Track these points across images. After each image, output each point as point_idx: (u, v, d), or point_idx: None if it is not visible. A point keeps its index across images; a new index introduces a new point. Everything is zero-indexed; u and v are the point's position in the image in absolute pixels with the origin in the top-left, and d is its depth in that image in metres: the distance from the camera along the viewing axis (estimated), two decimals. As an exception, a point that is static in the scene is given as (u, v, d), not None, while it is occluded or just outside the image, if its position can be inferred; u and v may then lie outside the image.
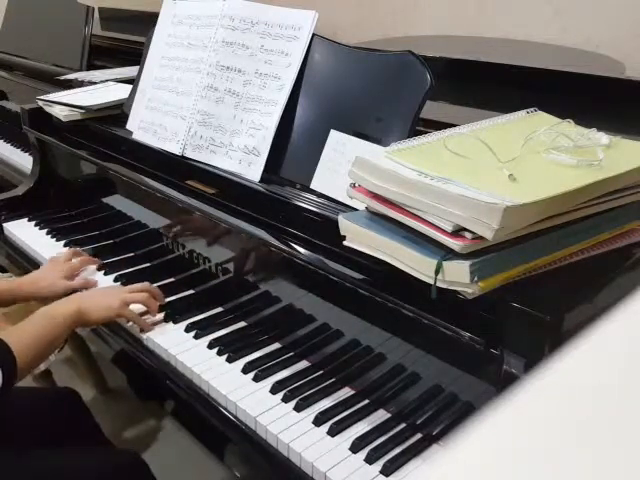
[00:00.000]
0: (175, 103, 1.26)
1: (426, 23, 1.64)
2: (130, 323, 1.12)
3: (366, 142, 0.97)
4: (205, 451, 0.99)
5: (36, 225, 1.55)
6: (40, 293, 1.24)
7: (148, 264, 1.36)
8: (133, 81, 1.44)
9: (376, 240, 0.76)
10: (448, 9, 1.58)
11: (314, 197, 1.00)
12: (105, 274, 1.32)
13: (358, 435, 0.86)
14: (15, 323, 1.56)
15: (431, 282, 0.70)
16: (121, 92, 1.49)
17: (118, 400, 1.96)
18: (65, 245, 1.45)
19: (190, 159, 1.21)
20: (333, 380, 0.97)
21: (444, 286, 0.69)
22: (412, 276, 0.72)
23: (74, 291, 1.24)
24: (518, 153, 0.77)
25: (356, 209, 0.85)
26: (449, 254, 0.69)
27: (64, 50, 1.98)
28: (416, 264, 0.72)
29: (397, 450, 0.84)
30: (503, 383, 0.72)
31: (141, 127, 1.33)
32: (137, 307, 1.14)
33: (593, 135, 0.83)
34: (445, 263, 0.68)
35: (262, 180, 1.10)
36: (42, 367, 1.61)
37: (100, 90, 1.56)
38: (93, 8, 1.96)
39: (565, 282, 0.73)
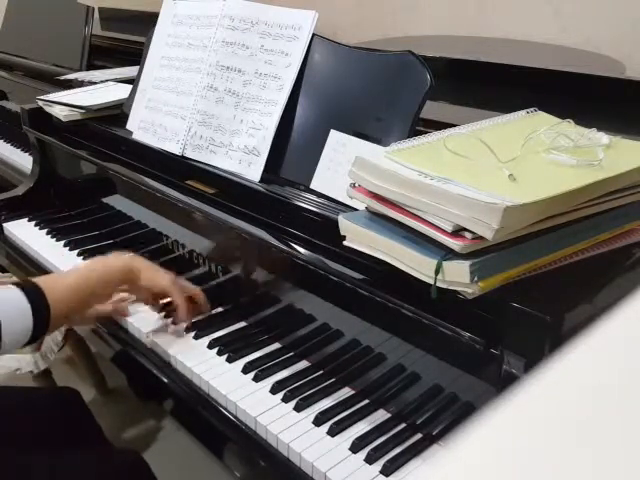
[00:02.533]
0: (175, 103, 1.26)
1: (426, 23, 1.64)
2: (133, 322, 1.12)
3: (366, 142, 0.97)
4: (205, 451, 0.99)
5: (36, 225, 1.55)
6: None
7: (148, 264, 1.35)
8: (133, 81, 1.44)
9: (376, 240, 0.76)
10: (448, 9, 1.58)
11: (314, 197, 1.00)
12: (105, 274, 1.32)
13: (358, 435, 0.86)
14: None
15: (431, 282, 0.70)
16: (121, 92, 1.49)
17: (118, 400, 1.96)
18: (65, 245, 1.45)
19: (190, 159, 1.21)
20: (333, 380, 0.97)
21: (444, 286, 0.69)
22: (412, 276, 0.72)
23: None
24: (518, 153, 0.77)
25: (356, 209, 0.85)
26: (449, 254, 0.69)
27: (64, 50, 1.97)
28: (416, 264, 0.72)
29: (397, 450, 0.84)
30: (503, 383, 0.72)
31: (141, 127, 1.33)
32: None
33: (593, 135, 0.83)
34: (445, 263, 0.68)
35: (262, 180, 1.10)
36: (42, 366, 1.62)
37: (100, 90, 1.56)
38: (93, 8, 1.96)
39: (565, 282, 0.73)
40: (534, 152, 0.79)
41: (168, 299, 1.11)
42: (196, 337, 1.09)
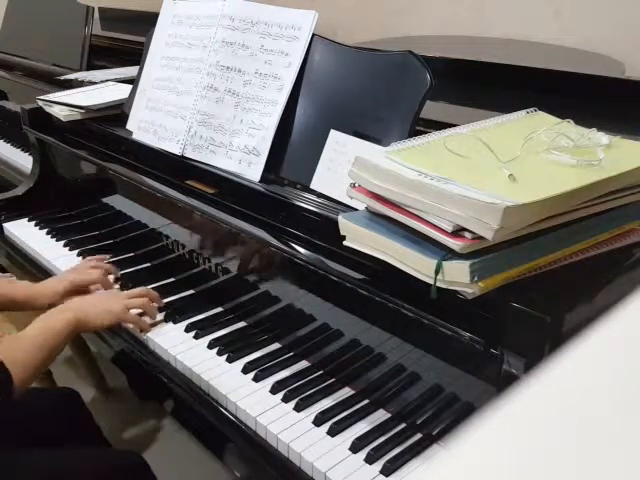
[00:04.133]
0: (175, 103, 1.26)
1: (426, 23, 1.64)
2: (131, 325, 1.12)
3: (366, 142, 0.97)
4: (205, 451, 0.99)
5: (36, 225, 1.55)
6: (36, 306, 1.18)
7: (148, 264, 1.36)
8: (133, 81, 1.44)
9: (376, 240, 0.76)
10: (448, 9, 1.58)
11: (314, 197, 1.00)
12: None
13: (358, 435, 0.86)
14: (17, 323, 1.57)
15: (431, 282, 0.70)
16: (121, 92, 1.49)
17: (118, 400, 1.96)
18: (65, 245, 1.45)
19: (190, 159, 1.21)
20: (333, 380, 0.97)
21: (444, 286, 0.69)
22: (412, 276, 0.72)
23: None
24: (518, 153, 0.77)
25: (356, 209, 0.85)
26: (449, 254, 0.69)
27: (64, 50, 1.97)
28: (416, 264, 0.72)
29: (397, 450, 0.84)
30: (503, 383, 0.72)
31: (141, 127, 1.33)
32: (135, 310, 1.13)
33: (593, 135, 0.83)
34: (445, 263, 0.68)
35: (262, 180, 1.10)
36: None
37: (100, 90, 1.56)
38: (93, 8, 1.96)
39: (565, 282, 0.73)
40: (534, 152, 0.79)
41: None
42: (196, 337, 1.09)
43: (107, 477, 1.05)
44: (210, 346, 1.06)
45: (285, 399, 0.93)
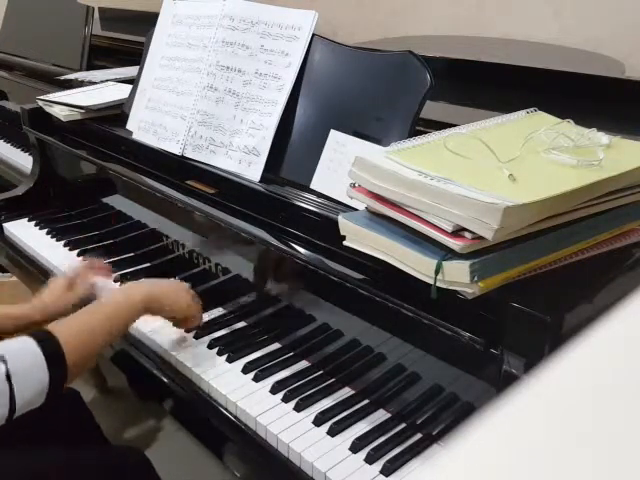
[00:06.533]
0: (175, 103, 1.26)
1: (426, 23, 1.64)
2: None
3: (366, 142, 0.97)
4: (205, 451, 0.99)
5: (36, 225, 1.55)
6: (52, 315, 1.11)
7: (148, 264, 1.36)
8: (133, 81, 1.44)
9: (376, 240, 0.76)
10: (448, 9, 1.58)
11: (314, 197, 1.00)
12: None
13: (358, 435, 0.86)
14: (13, 294, 1.54)
15: (431, 282, 0.70)
16: (121, 92, 1.49)
17: (118, 400, 1.96)
18: (65, 245, 1.45)
19: (190, 159, 1.21)
20: (333, 380, 0.97)
21: (444, 286, 0.69)
22: (412, 276, 0.72)
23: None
24: (518, 153, 0.77)
25: (356, 209, 0.85)
26: (449, 254, 0.69)
27: (64, 50, 1.98)
28: (416, 264, 0.72)
29: (397, 450, 0.84)
30: (503, 383, 0.72)
31: (141, 127, 1.33)
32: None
33: (593, 135, 0.83)
34: (445, 263, 0.68)
35: (262, 180, 1.10)
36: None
37: (100, 90, 1.56)
38: (93, 8, 1.96)
39: (565, 282, 0.73)
40: (534, 152, 0.79)
41: None
42: (196, 337, 1.09)
43: (109, 474, 1.05)
44: (210, 346, 1.06)
45: (285, 399, 0.93)
